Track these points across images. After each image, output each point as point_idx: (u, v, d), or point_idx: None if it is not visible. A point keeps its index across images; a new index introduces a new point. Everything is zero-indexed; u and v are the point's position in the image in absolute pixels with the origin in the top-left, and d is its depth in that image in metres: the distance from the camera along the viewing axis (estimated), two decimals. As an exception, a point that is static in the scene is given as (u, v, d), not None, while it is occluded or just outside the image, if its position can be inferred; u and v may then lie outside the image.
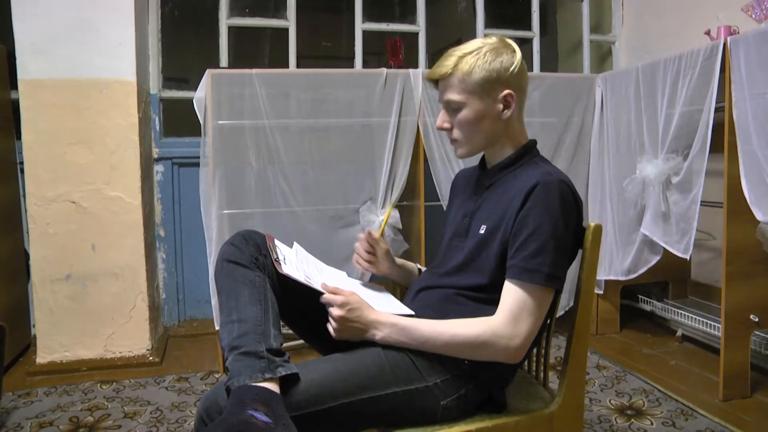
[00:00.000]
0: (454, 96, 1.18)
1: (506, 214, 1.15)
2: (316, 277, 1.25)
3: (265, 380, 0.98)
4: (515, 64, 1.18)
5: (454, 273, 1.22)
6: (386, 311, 1.16)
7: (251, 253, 1.18)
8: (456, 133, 1.23)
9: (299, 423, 0.98)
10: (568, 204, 1.13)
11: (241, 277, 1.14)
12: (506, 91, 1.18)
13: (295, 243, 1.30)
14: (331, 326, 1.10)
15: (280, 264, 1.16)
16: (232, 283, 1.14)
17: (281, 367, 1.01)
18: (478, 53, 1.17)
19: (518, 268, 1.09)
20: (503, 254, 1.14)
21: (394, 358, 1.12)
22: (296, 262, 1.26)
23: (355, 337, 1.11)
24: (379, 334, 1.11)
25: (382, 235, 1.42)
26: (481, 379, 1.15)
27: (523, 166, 1.22)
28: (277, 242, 1.27)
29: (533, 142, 1.27)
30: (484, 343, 1.07)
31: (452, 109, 1.20)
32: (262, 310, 1.09)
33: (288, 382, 1.02)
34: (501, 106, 1.19)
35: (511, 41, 1.22)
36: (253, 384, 0.96)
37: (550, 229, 1.09)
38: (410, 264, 1.48)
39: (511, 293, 1.09)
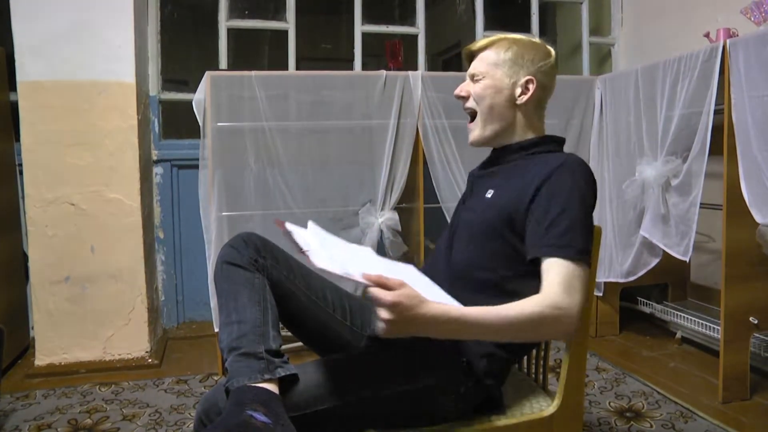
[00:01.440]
0: (480, 67, 1.24)
1: (526, 185, 1.15)
2: (348, 261, 1.07)
3: (264, 381, 0.98)
4: (546, 62, 1.25)
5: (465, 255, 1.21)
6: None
7: (251, 256, 1.18)
8: (469, 103, 1.26)
9: (298, 423, 0.98)
10: (592, 183, 1.16)
11: (240, 278, 1.14)
12: (528, 78, 1.22)
13: (310, 222, 1.17)
14: (379, 327, 0.93)
15: (308, 256, 0.99)
16: (232, 285, 1.14)
17: (280, 368, 1.01)
18: (518, 41, 1.25)
19: (555, 246, 1.07)
20: (510, 221, 1.15)
21: (391, 360, 1.12)
22: (320, 249, 1.08)
23: (404, 335, 0.94)
24: (433, 333, 0.97)
25: None
26: (478, 375, 1.14)
27: (545, 153, 1.24)
28: (290, 226, 1.11)
29: (562, 140, 1.30)
30: (547, 317, 1.01)
31: (474, 81, 1.25)
32: (261, 311, 1.09)
33: (287, 382, 1.02)
34: (519, 91, 1.23)
35: (551, 47, 1.29)
36: (252, 385, 0.96)
37: (581, 207, 1.11)
38: None
39: (555, 268, 1.06)
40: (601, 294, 2.74)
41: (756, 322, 2.03)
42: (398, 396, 1.09)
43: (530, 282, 1.10)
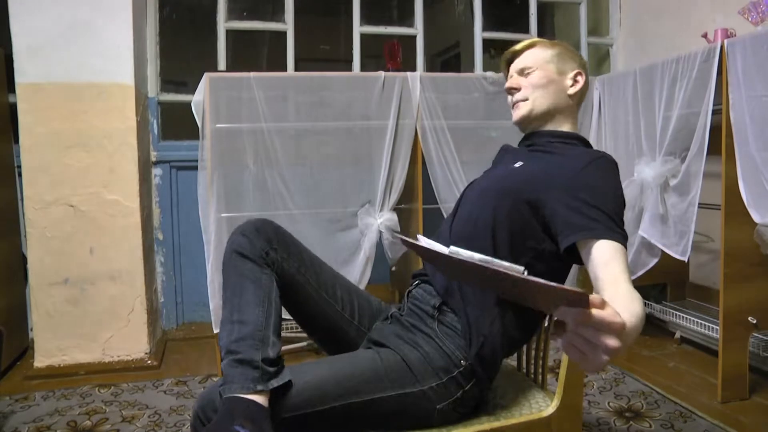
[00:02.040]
0: (529, 62, 1.30)
1: (565, 164, 1.15)
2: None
3: (256, 392, 0.98)
4: (585, 60, 1.35)
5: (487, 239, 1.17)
6: None
7: (262, 247, 1.15)
8: (523, 93, 1.30)
9: (295, 424, 0.98)
10: (616, 174, 1.17)
11: (248, 272, 1.12)
12: (577, 71, 1.30)
13: (419, 236, 1.06)
14: (596, 359, 0.66)
15: (450, 255, 0.87)
16: (239, 278, 1.12)
17: (274, 379, 1.01)
18: (557, 42, 1.34)
19: (609, 229, 1.01)
20: (535, 191, 1.14)
21: (390, 362, 1.12)
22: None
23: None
24: (620, 352, 0.69)
25: None
26: (481, 377, 1.14)
27: (576, 146, 1.27)
28: (423, 240, 1.02)
29: (589, 143, 1.33)
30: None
31: (524, 75, 1.30)
32: (264, 313, 1.08)
33: (284, 385, 1.02)
34: (570, 82, 1.29)
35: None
36: (244, 397, 0.97)
37: (611, 195, 1.10)
38: None
39: (614, 255, 0.98)
40: (600, 294, 2.73)
41: (755, 321, 2.03)
42: (396, 399, 1.09)
43: (526, 262, 1.12)
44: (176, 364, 2.54)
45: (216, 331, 2.24)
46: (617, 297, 0.89)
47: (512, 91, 1.32)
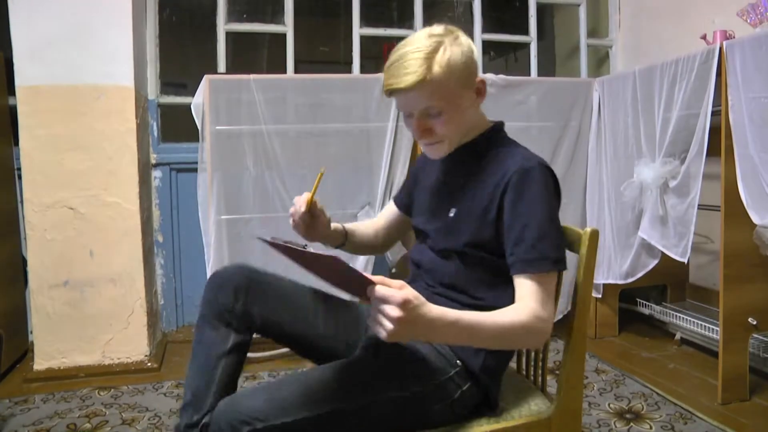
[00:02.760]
0: (434, 101, 1.10)
1: (487, 202, 1.14)
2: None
3: None
4: (470, 47, 1.14)
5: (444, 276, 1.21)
6: None
7: (225, 303, 1.20)
8: (439, 135, 1.15)
9: (294, 429, 0.98)
10: (552, 186, 1.13)
11: (205, 339, 1.20)
12: (478, 78, 1.16)
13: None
14: (384, 328, 0.86)
15: (311, 250, 0.97)
16: (196, 344, 1.20)
17: None
18: (443, 50, 1.08)
19: (524, 262, 1.07)
20: (481, 246, 1.15)
21: (385, 367, 1.11)
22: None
23: (407, 339, 0.91)
24: (432, 335, 0.95)
25: (311, 202, 1.26)
26: (475, 374, 1.14)
27: (495, 150, 1.20)
28: (275, 239, 1.09)
29: (501, 124, 1.25)
30: (534, 328, 1.03)
31: (431, 114, 1.12)
32: (206, 380, 1.15)
33: (282, 389, 1.03)
34: (476, 95, 1.17)
35: (452, 28, 1.14)
36: None
37: (544, 214, 1.09)
38: (340, 227, 1.38)
39: (527, 285, 1.06)
40: (600, 296, 2.74)
41: (755, 323, 2.03)
42: (393, 402, 1.08)
43: (502, 292, 1.14)
44: (176, 367, 2.53)
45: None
46: (507, 309, 1.04)
47: (422, 135, 1.16)
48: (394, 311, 0.84)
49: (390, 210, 1.49)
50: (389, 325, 0.85)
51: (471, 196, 1.18)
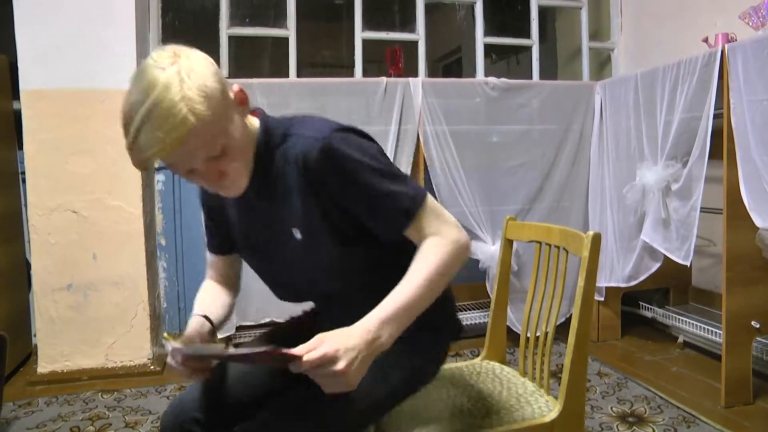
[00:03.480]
0: (209, 151, 0.92)
1: (307, 211, 1.02)
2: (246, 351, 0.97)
3: None
4: (205, 58, 0.94)
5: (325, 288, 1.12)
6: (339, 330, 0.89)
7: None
8: (235, 170, 0.98)
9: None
10: (358, 142, 1.00)
11: None
12: (233, 92, 0.97)
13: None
14: (341, 386, 0.84)
15: (232, 353, 0.93)
16: None
17: None
18: (180, 86, 0.87)
19: (394, 225, 0.99)
20: (339, 235, 1.03)
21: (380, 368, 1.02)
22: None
23: (365, 370, 0.87)
24: (384, 343, 0.89)
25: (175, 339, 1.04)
26: (443, 332, 1.19)
27: (279, 150, 1.04)
28: (186, 348, 0.99)
29: (264, 116, 1.07)
30: (456, 251, 0.98)
31: (215, 157, 0.94)
32: None
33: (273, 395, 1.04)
34: (240, 107, 0.99)
35: (173, 48, 0.96)
36: None
37: (375, 177, 0.97)
38: (208, 326, 1.20)
39: (414, 231, 0.99)
40: (602, 299, 2.74)
41: (758, 326, 2.03)
42: (383, 402, 1.09)
43: (397, 254, 1.03)
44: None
45: (219, 336, 2.24)
46: (422, 252, 0.98)
47: (219, 180, 0.98)
48: (335, 367, 0.82)
49: (218, 260, 1.41)
50: (342, 381, 0.83)
51: (288, 218, 1.05)
